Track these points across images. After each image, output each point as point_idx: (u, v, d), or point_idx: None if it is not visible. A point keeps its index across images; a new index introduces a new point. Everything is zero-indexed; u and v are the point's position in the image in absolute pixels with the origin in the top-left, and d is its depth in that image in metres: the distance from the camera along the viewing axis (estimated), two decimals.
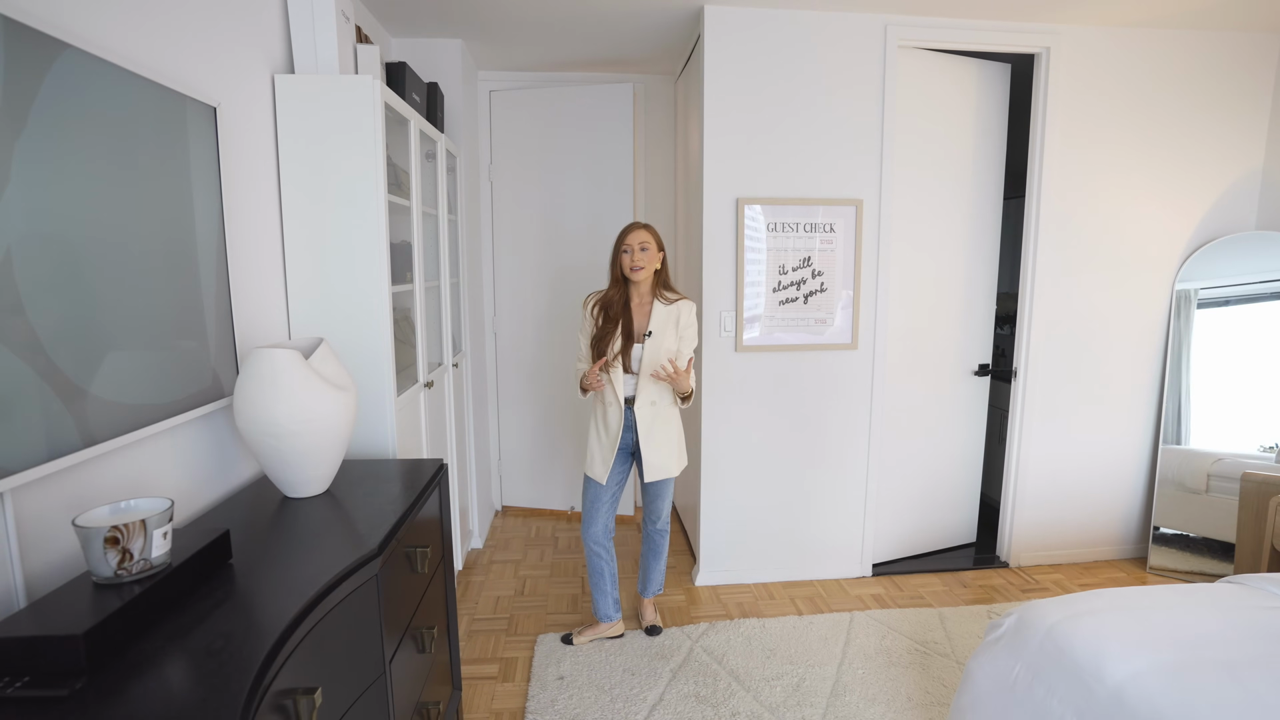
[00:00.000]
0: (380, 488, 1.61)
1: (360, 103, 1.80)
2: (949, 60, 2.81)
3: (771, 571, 2.91)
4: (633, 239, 2.23)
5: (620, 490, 2.39)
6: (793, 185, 2.70)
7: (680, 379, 2.16)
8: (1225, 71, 2.83)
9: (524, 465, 3.72)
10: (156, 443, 1.32)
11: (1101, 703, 1.31)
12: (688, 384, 2.20)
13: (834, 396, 2.83)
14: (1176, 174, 2.88)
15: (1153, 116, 2.82)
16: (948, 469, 3.12)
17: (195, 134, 1.41)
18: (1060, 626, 1.49)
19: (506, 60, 3.28)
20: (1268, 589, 1.64)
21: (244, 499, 1.53)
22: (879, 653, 2.35)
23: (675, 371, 2.13)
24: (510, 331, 3.61)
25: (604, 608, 2.43)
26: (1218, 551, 2.98)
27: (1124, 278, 2.93)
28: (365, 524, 1.38)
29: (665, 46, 3.03)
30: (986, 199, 2.97)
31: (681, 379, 2.16)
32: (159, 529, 1.00)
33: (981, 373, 3.09)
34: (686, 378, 2.18)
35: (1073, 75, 2.76)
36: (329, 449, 1.48)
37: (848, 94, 2.66)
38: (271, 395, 1.38)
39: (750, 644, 2.41)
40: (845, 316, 2.79)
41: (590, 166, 3.40)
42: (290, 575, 1.15)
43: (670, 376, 2.14)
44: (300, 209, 1.84)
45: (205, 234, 1.44)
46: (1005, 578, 2.96)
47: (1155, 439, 3.07)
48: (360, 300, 1.88)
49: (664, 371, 2.13)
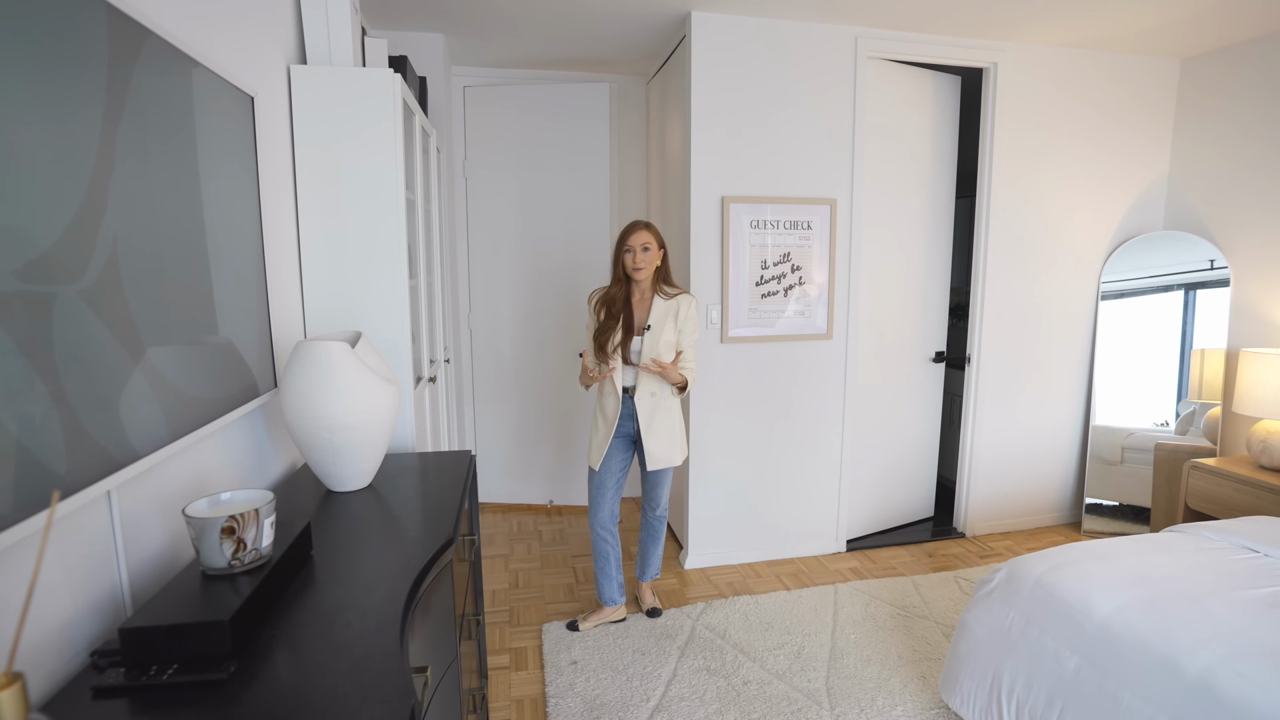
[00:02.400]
0: (420, 481, 1.63)
1: (380, 95, 1.80)
2: (910, 71, 3.05)
3: (756, 551, 3.07)
4: (635, 240, 2.31)
5: (624, 477, 2.47)
6: (773, 184, 2.85)
7: (668, 371, 2.28)
8: (1137, 90, 3.21)
9: (500, 462, 3.72)
10: (214, 438, 1.30)
11: (1091, 635, 1.52)
12: (676, 375, 2.31)
13: (811, 384, 3.01)
14: (1100, 179, 3.24)
15: (1081, 127, 3.16)
16: (910, 450, 3.38)
17: (239, 125, 1.39)
18: (1047, 575, 1.70)
19: (482, 56, 3.27)
20: (1204, 534, 1.92)
21: (286, 495, 1.51)
22: (865, 619, 2.54)
23: (662, 366, 2.26)
24: (486, 329, 3.60)
25: (609, 592, 2.51)
26: (1134, 515, 3.37)
27: (1059, 272, 3.26)
28: (423, 515, 1.41)
29: (643, 49, 3.12)
30: (941, 199, 3.24)
31: (669, 371, 2.28)
32: (269, 518, 1.01)
33: (938, 360, 3.37)
34: (674, 370, 2.29)
35: (1015, 88, 3.05)
36: (378, 442, 1.49)
37: (823, 99, 2.84)
38: (326, 388, 1.38)
39: (748, 619, 2.55)
40: (822, 308, 2.97)
41: (566, 164, 3.45)
42: (374, 564, 1.17)
43: (659, 370, 2.26)
44: (316, 202, 1.81)
45: (249, 227, 1.42)
46: (963, 546, 3.24)
47: (1086, 418, 3.43)
48: (380, 294, 1.87)
49: (653, 366, 2.26)
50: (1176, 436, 3.32)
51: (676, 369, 2.31)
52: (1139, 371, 3.35)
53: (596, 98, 3.40)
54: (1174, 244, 3.26)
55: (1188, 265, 3.24)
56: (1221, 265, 3.12)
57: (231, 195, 1.34)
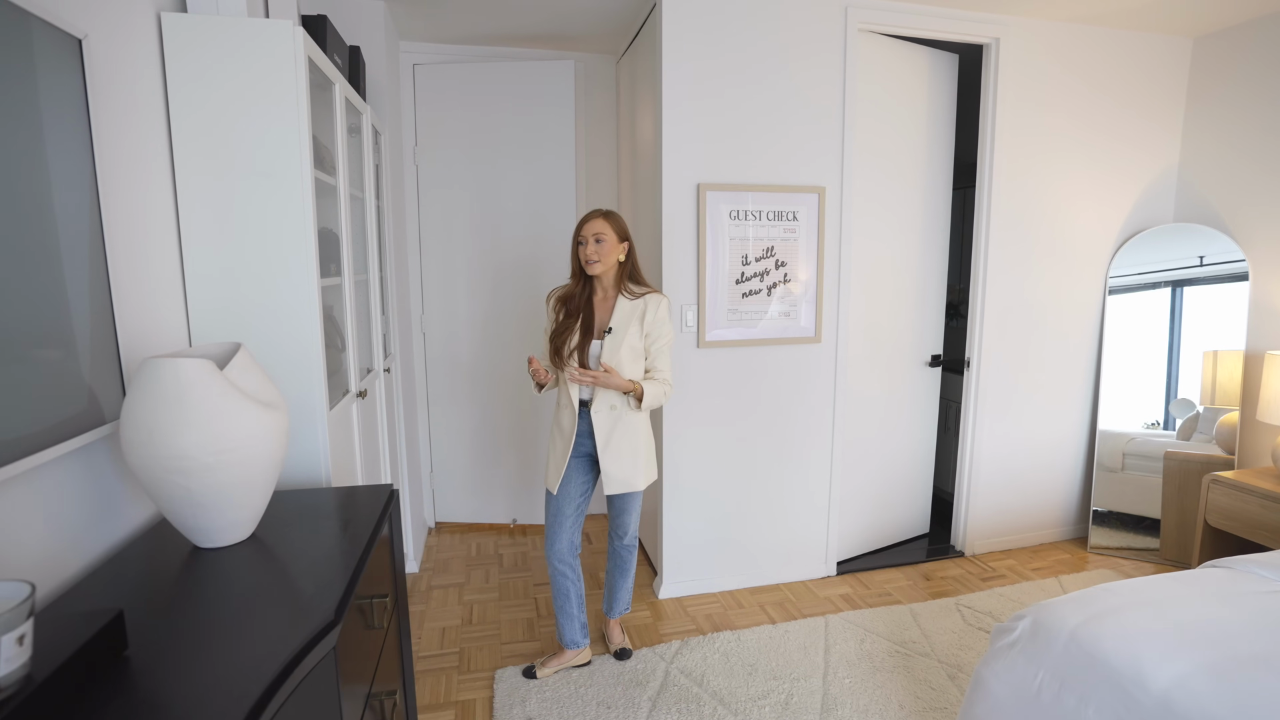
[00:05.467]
0: (320, 526, 1.31)
1: (277, 54, 1.47)
2: (904, 48, 2.77)
3: (738, 578, 2.77)
4: (588, 229, 2.01)
5: (585, 503, 2.17)
6: (755, 171, 2.56)
7: (603, 379, 1.94)
8: (1146, 70, 2.96)
9: (459, 477, 3.39)
10: (8, 491, 0.97)
11: (1148, 711, 1.24)
12: (619, 382, 1.97)
13: (798, 392, 2.73)
14: (1108, 167, 2.99)
15: (1087, 111, 2.91)
16: (904, 462, 3.11)
17: (59, 76, 1.06)
18: (1083, 630, 1.43)
19: (433, 31, 2.94)
20: (1255, 571, 1.66)
21: (138, 553, 1.18)
22: (861, 658, 2.26)
23: (594, 376, 1.93)
24: (440, 331, 3.27)
25: (570, 633, 2.20)
26: (1134, 525, 3.12)
27: (1064, 268, 3.01)
28: (311, 578, 1.09)
29: (610, 22, 2.81)
30: (937, 189, 2.97)
31: (609, 378, 1.94)
32: (9, 634, 0.69)
33: (934, 364, 3.10)
34: (614, 377, 1.96)
35: (1018, 67, 2.79)
36: (255, 484, 1.17)
37: (810, 77, 2.55)
38: (176, 419, 1.05)
39: (729, 661, 2.26)
40: (809, 309, 2.69)
41: (528, 150, 3.13)
42: (217, 665, 0.85)
43: (594, 378, 1.93)
44: (200, 183, 1.48)
45: (70, 207, 1.09)
46: (963, 567, 2.98)
47: (1092, 423, 3.19)
48: (282, 296, 1.55)
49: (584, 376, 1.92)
50: (1181, 442, 3.08)
51: (615, 376, 1.96)
52: (1143, 372, 3.11)
53: (560, 77, 3.08)
54: (1186, 237, 3.02)
55: (1185, 260, 3.02)
56: (1232, 259, 2.88)
57: (25, 159, 1.01)
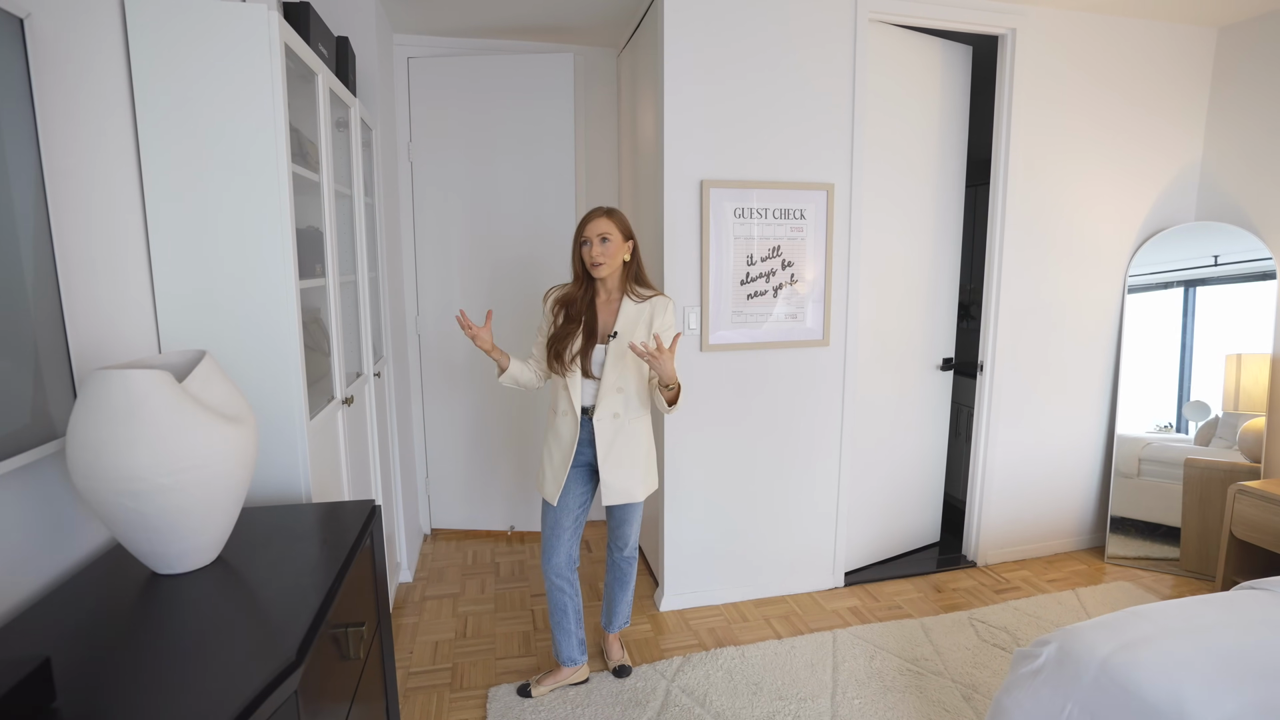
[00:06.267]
0: (293, 548, 1.22)
1: (252, 39, 1.38)
2: (916, 39, 2.66)
3: (742, 589, 2.67)
4: (591, 229, 1.90)
5: (584, 514, 2.07)
6: (761, 167, 2.46)
7: (662, 361, 1.78)
8: (1169, 63, 2.84)
9: (455, 482, 3.30)
10: None
11: None
12: (672, 369, 1.81)
13: (805, 397, 2.62)
14: (1129, 163, 2.88)
15: (1107, 105, 2.80)
16: (914, 468, 3.00)
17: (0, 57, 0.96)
18: (1117, 661, 1.32)
19: (427, 23, 2.85)
20: None
21: (90, 582, 1.09)
22: (870, 677, 2.16)
23: (658, 351, 1.76)
24: (436, 333, 3.18)
25: (568, 650, 2.10)
26: (1153, 533, 3.01)
27: (1082, 268, 2.90)
28: (277, 608, 1.00)
29: (610, 12, 2.71)
30: (951, 185, 2.86)
31: (664, 361, 1.78)
32: None
33: (945, 367, 2.99)
34: (671, 360, 1.80)
35: (1035, 59, 2.67)
36: (217, 505, 1.07)
37: (818, 69, 2.44)
38: (125, 436, 0.96)
39: (732, 678, 2.16)
40: (817, 310, 2.58)
41: (526, 146, 3.03)
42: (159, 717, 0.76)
43: (652, 356, 1.76)
44: (169, 177, 1.39)
45: (8, 202, 1.00)
46: (975, 578, 2.87)
47: (1110, 427, 3.08)
48: (259, 299, 1.45)
49: (644, 349, 1.75)
50: (1200, 448, 2.97)
51: (671, 359, 1.79)
52: (1156, 374, 3.00)
53: (559, 70, 2.98)
54: (1210, 236, 2.90)
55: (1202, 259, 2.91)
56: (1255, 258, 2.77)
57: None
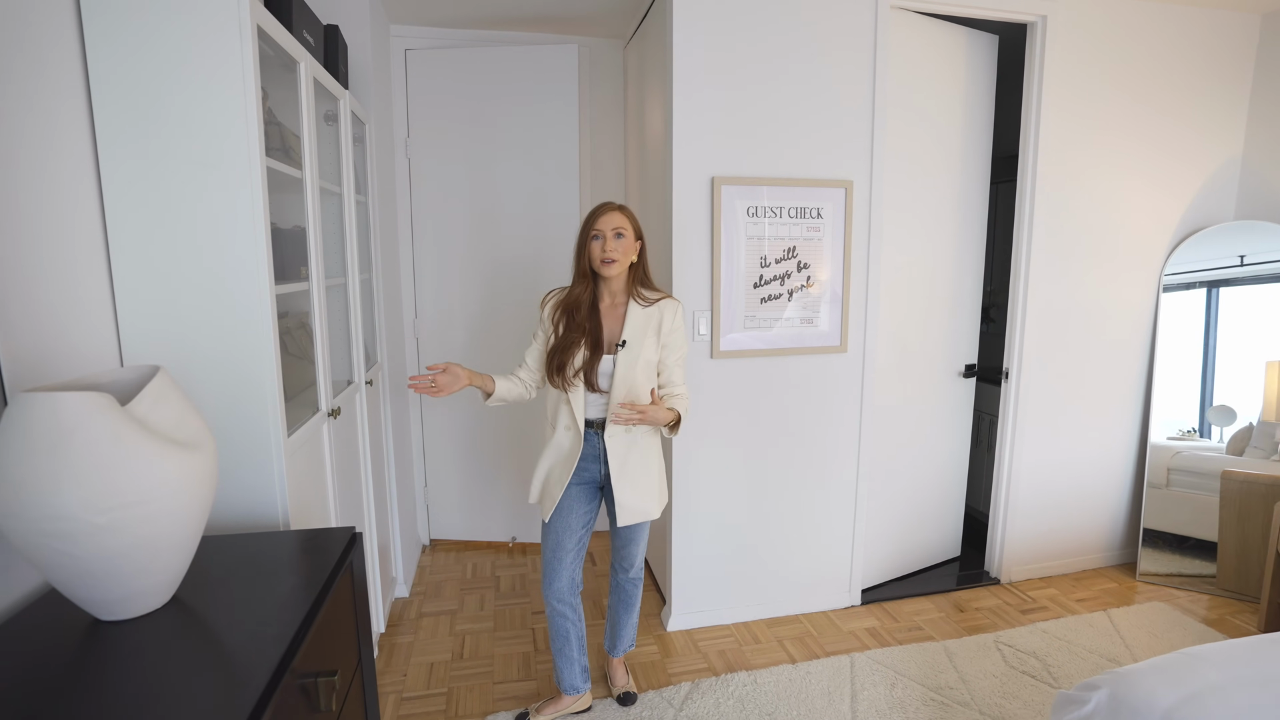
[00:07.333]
0: (261, 583, 1.09)
1: (218, 19, 1.25)
2: (939, 27, 2.51)
3: (754, 608, 2.54)
4: (604, 223, 1.77)
5: (587, 535, 1.94)
6: (775, 164, 2.32)
7: (651, 414, 1.71)
8: (1209, 52, 2.68)
9: (455, 492, 3.18)
10: None
11: None
12: (664, 415, 1.75)
13: (821, 406, 2.48)
14: (1165, 158, 2.72)
15: (1143, 97, 2.64)
16: (934, 480, 2.86)
17: None
18: (1182, 716, 1.18)
19: (425, 13, 2.72)
20: None
21: (23, 629, 0.97)
22: (892, 707, 2.02)
23: (643, 412, 1.69)
24: (435, 336, 3.05)
25: (570, 678, 1.98)
26: (1183, 546, 2.85)
27: (1114, 270, 2.74)
28: (239, 656, 0.87)
29: (615, 1, 2.58)
30: (974, 183, 2.71)
31: (653, 413, 1.71)
32: None
33: (968, 374, 2.84)
34: (660, 410, 1.73)
35: (1066, 48, 2.52)
36: (166, 544, 0.95)
37: (836, 59, 2.30)
38: (51, 470, 0.83)
39: (744, 708, 2.03)
40: (834, 315, 2.44)
41: (529, 142, 2.90)
42: None
43: (640, 418, 1.69)
44: (130, 171, 1.27)
45: None
46: (999, 596, 2.73)
47: (1143, 435, 2.92)
48: (231, 304, 1.33)
49: (631, 414, 1.68)
50: (1235, 458, 2.81)
51: (662, 407, 1.75)
52: (1180, 378, 2.85)
53: (563, 62, 2.85)
54: (1251, 235, 2.74)
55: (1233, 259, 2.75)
56: None
57: None
